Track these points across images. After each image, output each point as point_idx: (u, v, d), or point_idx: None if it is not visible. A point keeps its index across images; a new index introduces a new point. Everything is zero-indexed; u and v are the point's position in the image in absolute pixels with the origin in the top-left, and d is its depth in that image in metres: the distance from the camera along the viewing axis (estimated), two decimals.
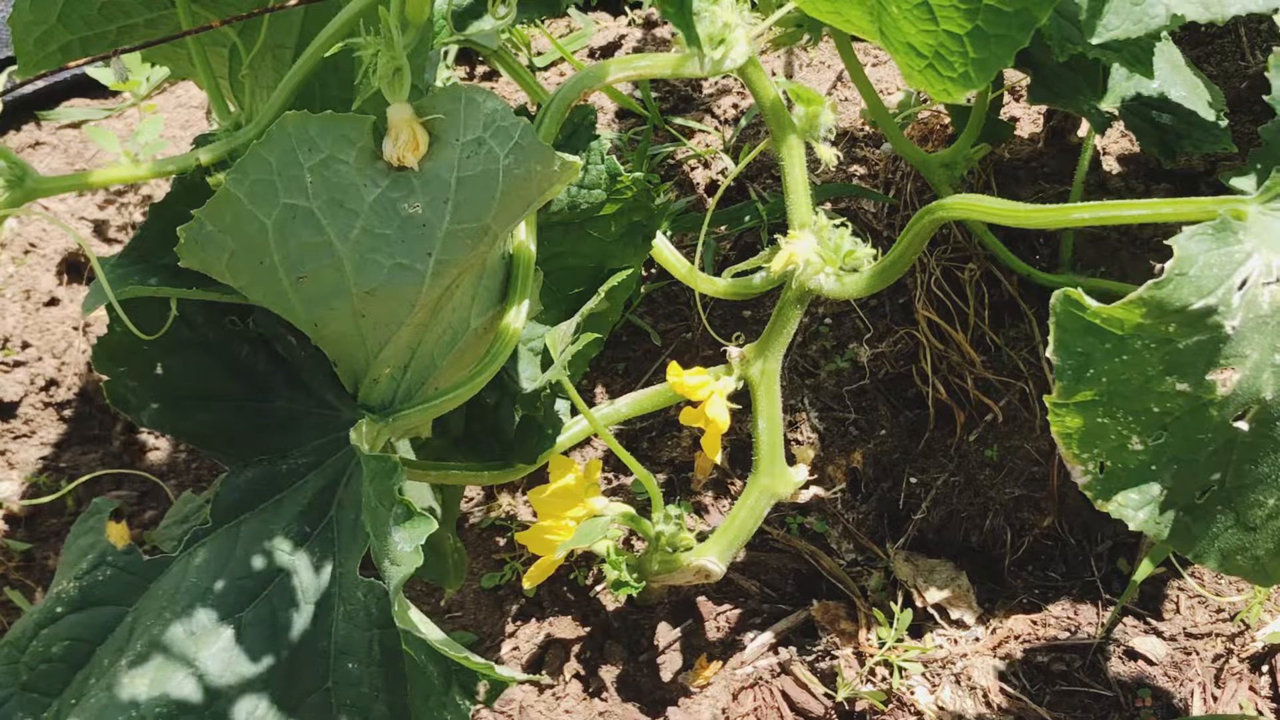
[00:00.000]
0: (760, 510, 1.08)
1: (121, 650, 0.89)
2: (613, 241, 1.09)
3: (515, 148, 0.80)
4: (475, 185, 0.81)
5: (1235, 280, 0.80)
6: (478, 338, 0.95)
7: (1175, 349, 0.81)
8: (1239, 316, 0.80)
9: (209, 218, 0.81)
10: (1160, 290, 0.79)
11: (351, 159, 0.80)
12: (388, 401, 0.93)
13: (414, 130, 0.79)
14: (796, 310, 1.07)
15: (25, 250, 1.63)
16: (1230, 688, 1.26)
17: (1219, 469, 0.86)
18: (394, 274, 0.83)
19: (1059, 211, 0.91)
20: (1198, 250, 0.80)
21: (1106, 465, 0.85)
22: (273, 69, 1.01)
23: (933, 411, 1.43)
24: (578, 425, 1.10)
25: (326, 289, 0.85)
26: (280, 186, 0.80)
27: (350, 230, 0.81)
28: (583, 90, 0.97)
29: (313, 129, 0.79)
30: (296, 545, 0.93)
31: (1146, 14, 1.03)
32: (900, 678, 1.26)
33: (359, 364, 0.92)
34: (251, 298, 0.88)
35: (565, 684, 1.27)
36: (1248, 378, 0.82)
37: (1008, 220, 0.92)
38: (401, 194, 0.81)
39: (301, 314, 0.88)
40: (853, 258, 1.05)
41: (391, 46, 0.79)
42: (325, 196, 0.80)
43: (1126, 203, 0.97)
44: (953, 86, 0.87)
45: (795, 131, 1.06)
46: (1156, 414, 0.83)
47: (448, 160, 0.80)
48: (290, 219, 0.81)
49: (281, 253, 0.82)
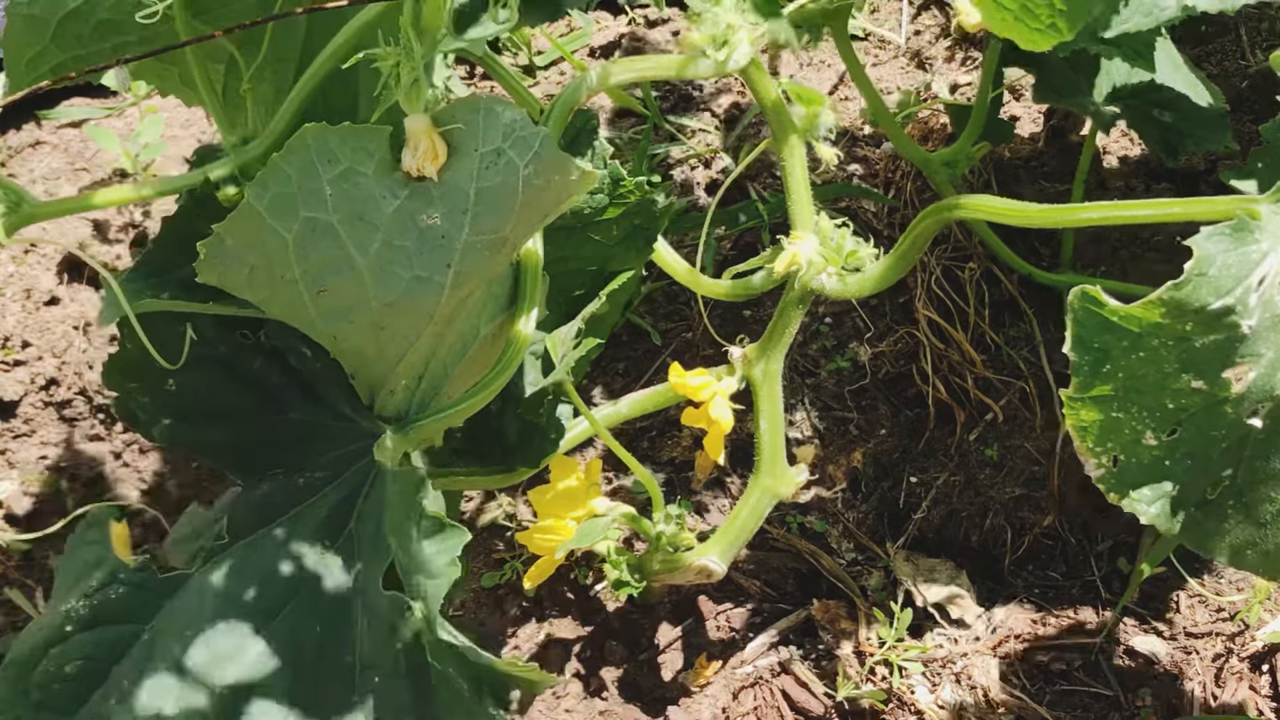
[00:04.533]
0: (762, 510, 1.08)
1: (142, 670, 0.88)
2: (614, 245, 1.08)
3: (535, 158, 0.79)
4: (494, 196, 0.80)
5: (1253, 280, 0.80)
6: (486, 345, 0.95)
7: (1192, 347, 0.82)
8: (1256, 316, 0.80)
9: (229, 233, 0.80)
10: (1180, 291, 0.79)
11: (370, 170, 0.79)
12: (404, 412, 0.93)
13: (433, 141, 0.78)
14: (799, 310, 1.07)
15: (25, 250, 1.63)
16: (1230, 687, 1.26)
17: (1231, 465, 0.86)
18: (413, 286, 0.82)
19: (1067, 211, 0.92)
20: (1216, 250, 0.80)
21: (1120, 459, 0.85)
22: (272, 83, 1.00)
23: (933, 411, 1.43)
24: (579, 426, 1.10)
25: (347, 302, 0.84)
26: (300, 200, 0.79)
27: (370, 243, 0.81)
28: (586, 94, 0.96)
29: (332, 141, 0.78)
30: (317, 559, 0.93)
31: (1158, 5, 1.02)
32: (900, 677, 1.26)
33: (377, 376, 0.92)
34: (270, 312, 0.88)
35: (565, 684, 1.27)
36: (1262, 375, 0.82)
37: (1015, 220, 0.92)
38: (420, 205, 0.80)
39: (321, 327, 0.88)
40: (855, 258, 1.05)
41: (411, 57, 0.78)
42: (345, 209, 0.80)
43: (1135, 203, 0.98)
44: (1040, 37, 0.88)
45: (796, 132, 1.06)
46: (1171, 410, 0.84)
47: (467, 171, 0.80)
48: (310, 232, 0.80)
49: (302, 267, 0.82)
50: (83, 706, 0.88)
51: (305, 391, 1.00)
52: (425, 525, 0.79)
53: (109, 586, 0.91)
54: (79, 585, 0.92)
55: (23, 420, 1.49)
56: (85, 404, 1.51)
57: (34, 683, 0.88)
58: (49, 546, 1.41)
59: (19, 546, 1.39)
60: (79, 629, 0.90)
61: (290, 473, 0.98)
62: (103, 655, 0.90)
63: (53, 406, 1.50)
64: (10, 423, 1.49)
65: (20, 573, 1.38)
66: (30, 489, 1.45)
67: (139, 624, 0.91)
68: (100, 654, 0.90)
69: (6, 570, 1.38)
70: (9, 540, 1.40)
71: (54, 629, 0.90)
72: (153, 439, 1.01)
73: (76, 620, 0.90)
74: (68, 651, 0.89)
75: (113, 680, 0.89)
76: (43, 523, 1.43)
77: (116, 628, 0.90)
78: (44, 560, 1.39)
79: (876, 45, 1.79)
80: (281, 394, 1.00)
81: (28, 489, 1.45)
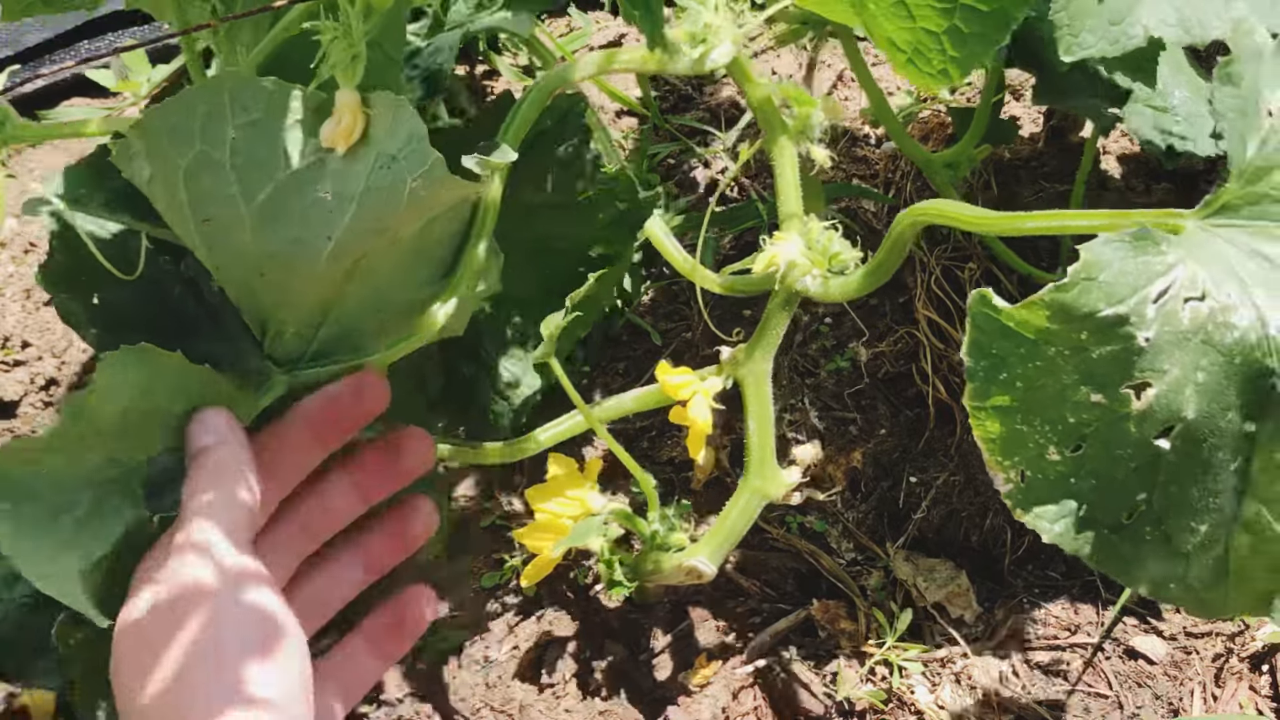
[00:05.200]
0: (751, 511, 1.08)
1: None
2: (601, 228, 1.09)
3: (425, 174, 0.81)
4: (381, 195, 0.81)
5: (1151, 291, 0.78)
6: (424, 308, 0.94)
7: (1089, 357, 0.79)
8: (1154, 329, 0.78)
9: (136, 137, 0.82)
10: (1065, 293, 0.77)
11: (284, 127, 0.80)
12: (295, 357, 0.94)
13: (355, 120, 0.79)
14: (785, 312, 1.07)
15: (25, 250, 1.63)
16: (1230, 687, 1.26)
17: (1144, 489, 0.83)
18: (292, 246, 0.84)
19: (1011, 219, 0.92)
20: (1113, 256, 0.78)
21: (1027, 474, 0.83)
22: (251, 32, 1.01)
23: (933, 411, 1.43)
24: (571, 420, 1.10)
25: (227, 239, 0.86)
26: (199, 135, 0.80)
27: (259, 193, 0.82)
28: (562, 83, 0.98)
29: (250, 91, 0.79)
30: None
31: (1125, 34, 1.03)
32: (900, 677, 1.26)
33: (262, 314, 0.93)
34: (168, 222, 0.90)
35: (565, 683, 1.27)
36: (1166, 394, 0.80)
37: (968, 225, 0.92)
38: (317, 175, 0.81)
39: (205, 255, 0.89)
40: (839, 260, 1.05)
41: (349, 34, 0.79)
42: (245, 155, 0.81)
43: (1074, 213, 0.98)
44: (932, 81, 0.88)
45: (785, 132, 1.06)
46: (1073, 424, 0.81)
47: (365, 161, 0.81)
48: (204, 165, 0.82)
49: (191, 193, 0.83)
50: None
51: (214, 321, 1.02)
52: None
53: None
54: None
55: (23, 420, 1.49)
56: None
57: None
58: None
59: None
60: None
61: None
62: None
63: (53, 406, 1.50)
64: (10, 423, 1.49)
65: None
66: None
67: None
68: None
69: None
70: None
71: None
72: (88, 343, 1.03)
73: None
74: None
75: None
76: None
77: None
78: None
79: None
80: (195, 322, 1.02)
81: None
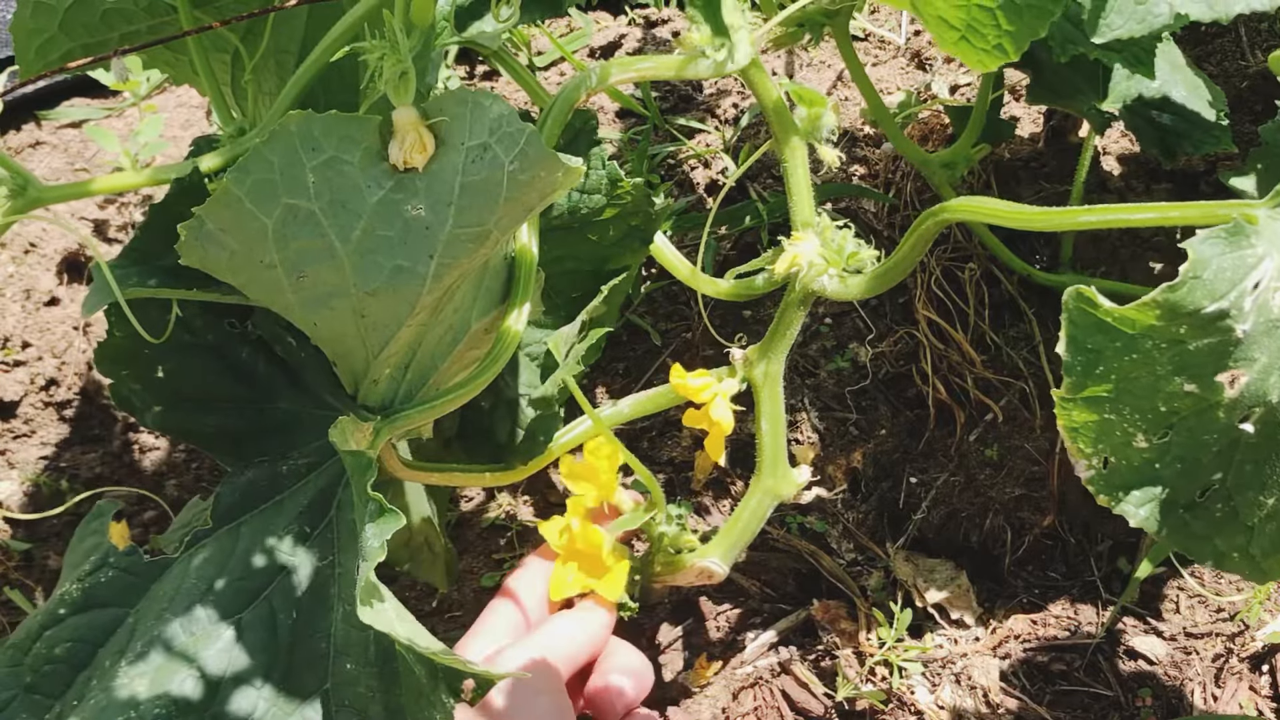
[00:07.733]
0: (763, 511, 1.08)
1: (122, 651, 0.89)
2: (611, 245, 1.08)
3: (520, 154, 0.79)
4: (478, 190, 0.80)
5: (1248, 284, 0.80)
6: (479, 338, 0.95)
7: (1185, 350, 0.81)
8: (1250, 320, 0.80)
9: (209, 216, 0.80)
10: (1175, 293, 0.79)
11: (356, 160, 0.79)
12: (388, 401, 0.93)
13: (420, 133, 0.78)
14: (800, 312, 1.07)
15: (25, 250, 1.63)
16: (1230, 687, 1.26)
17: (1221, 469, 0.86)
18: (395, 275, 0.83)
19: (1066, 214, 0.92)
20: (1212, 254, 0.79)
21: (1111, 461, 0.85)
22: (275, 74, 1.01)
23: (933, 411, 1.43)
24: (580, 427, 1.10)
25: (326, 289, 0.84)
26: (282, 186, 0.79)
27: (352, 231, 0.81)
28: (585, 93, 0.96)
29: (317, 129, 0.78)
30: (296, 545, 0.93)
31: (1150, 13, 1.02)
32: (900, 677, 1.26)
33: (359, 364, 0.92)
34: (251, 296, 0.88)
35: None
36: (1255, 380, 0.82)
37: (1013, 223, 0.92)
38: (405, 196, 0.80)
39: (300, 313, 0.88)
40: (856, 259, 1.05)
41: (397, 50, 0.79)
42: (328, 197, 0.80)
43: (1133, 206, 0.97)
44: (987, 58, 0.88)
45: (798, 133, 1.06)
46: (1163, 413, 0.83)
47: (452, 164, 0.80)
48: (291, 219, 0.80)
49: (282, 252, 0.82)
50: (69, 689, 0.88)
51: (291, 380, 1.00)
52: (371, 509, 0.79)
53: (100, 570, 0.91)
54: (76, 570, 0.92)
55: (23, 420, 1.49)
56: (85, 404, 1.51)
57: (27, 665, 0.88)
58: (49, 547, 1.41)
59: (19, 546, 1.39)
60: (71, 612, 0.90)
61: (275, 460, 0.98)
62: (91, 637, 0.90)
63: (53, 406, 1.50)
64: (10, 423, 1.49)
65: (20, 573, 1.38)
66: (30, 489, 1.45)
67: (125, 607, 0.91)
68: (89, 636, 0.90)
69: (6, 570, 1.38)
70: (9, 540, 1.40)
71: (49, 613, 0.90)
72: (146, 424, 1.01)
73: (69, 603, 0.90)
74: (59, 634, 0.89)
75: (97, 661, 0.89)
76: (43, 522, 1.43)
77: (104, 611, 0.91)
78: (44, 560, 1.39)
79: (876, 45, 1.79)
80: (268, 382, 1.00)
81: (27, 489, 1.45)
